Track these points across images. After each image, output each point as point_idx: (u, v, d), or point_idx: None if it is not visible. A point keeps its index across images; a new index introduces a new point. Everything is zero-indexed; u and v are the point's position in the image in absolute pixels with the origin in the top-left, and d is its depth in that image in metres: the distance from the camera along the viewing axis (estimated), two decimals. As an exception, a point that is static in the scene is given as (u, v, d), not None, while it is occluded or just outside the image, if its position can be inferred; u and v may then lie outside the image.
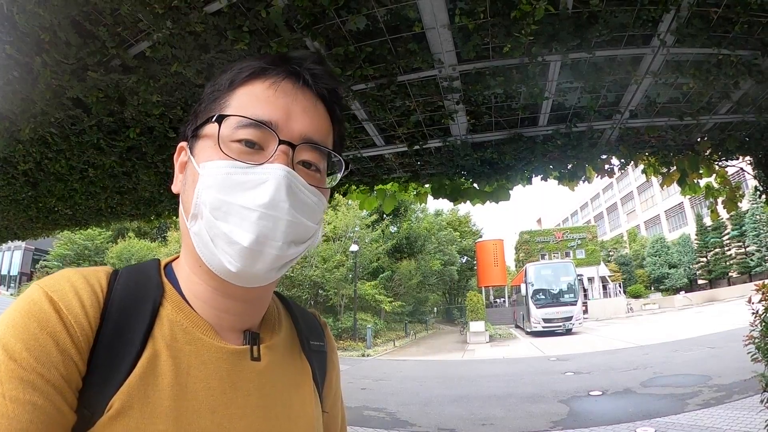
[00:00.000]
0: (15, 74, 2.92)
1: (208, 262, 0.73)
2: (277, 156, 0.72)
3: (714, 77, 3.16)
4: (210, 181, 0.71)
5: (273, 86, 0.75)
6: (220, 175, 0.71)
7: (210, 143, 0.74)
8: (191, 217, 0.73)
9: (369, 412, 9.87)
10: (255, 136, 0.72)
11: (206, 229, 0.71)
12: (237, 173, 0.71)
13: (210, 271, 0.74)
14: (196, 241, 0.73)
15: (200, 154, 0.75)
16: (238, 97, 0.75)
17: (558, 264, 33.82)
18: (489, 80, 3.22)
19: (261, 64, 0.77)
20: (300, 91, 0.77)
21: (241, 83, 0.76)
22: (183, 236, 0.79)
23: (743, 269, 40.19)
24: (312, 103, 0.78)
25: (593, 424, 7.88)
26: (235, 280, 0.73)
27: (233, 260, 0.70)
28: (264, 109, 0.73)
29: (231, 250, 0.70)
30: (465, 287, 54.02)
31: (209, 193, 0.71)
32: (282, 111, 0.74)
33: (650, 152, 4.33)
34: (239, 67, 0.77)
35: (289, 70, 0.77)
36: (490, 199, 4.79)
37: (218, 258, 0.71)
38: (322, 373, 0.95)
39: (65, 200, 5.48)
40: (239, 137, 0.72)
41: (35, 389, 0.57)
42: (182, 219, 0.78)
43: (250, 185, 0.70)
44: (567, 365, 14.97)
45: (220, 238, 0.70)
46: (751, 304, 4.67)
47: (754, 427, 6.43)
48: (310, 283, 27.50)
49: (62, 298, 0.64)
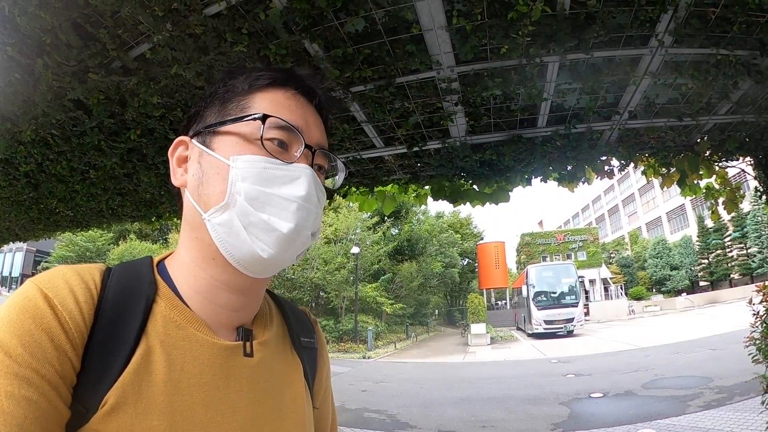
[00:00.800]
0: (16, 76, 2.93)
1: (231, 252, 0.75)
2: (302, 158, 0.79)
3: (713, 77, 3.16)
4: (245, 173, 0.74)
5: (294, 98, 0.83)
6: (256, 168, 0.75)
7: (238, 140, 0.78)
8: (220, 207, 0.75)
9: (370, 414, 9.85)
10: (284, 137, 0.79)
11: (240, 218, 0.74)
12: (273, 168, 0.76)
13: (224, 263, 0.76)
14: (220, 231, 0.75)
15: (225, 148, 0.78)
16: (259, 100, 0.80)
17: (559, 266, 33.77)
18: (487, 81, 3.23)
19: (279, 75, 0.84)
20: (309, 105, 0.85)
21: (260, 89, 0.81)
22: (190, 231, 0.80)
23: (745, 271, 40.10)
24: (317, 116, 0.87)
25: (594, 426, 7.86)
26: (257, 268, 0.77)
27: (267, 247, 0.74)
28: (289, 115, 0.80)
29: (267, 237, 0.74)
30: (466, 289, 54.03)
31: (246, 184, 0.74)
32: (303, 120, 0.81)
33: (650, 153, 4.33)
34: (255, 75, 0.83)
35: (306, 86, 0.85)
36: (489, 200, 4.79)
37: (249, 246, 0.74)
38: (312, 369, 0.97)
39: (66, 201, 5.49)
40: (272, 136, 0.78)
41: (30, 385, 0.58)
42: (190, 212, 0.80)
43: (286, 180, 0.76)
44: (568, 367, 14.93)
45: (256, 227, 0.74)
46: (752, 305, 4.67)
47: (755, 428, 6.41)
48: (311, 285, 27.49)
49: (57, 294, 0.65)
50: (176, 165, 0.84)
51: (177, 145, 0.84)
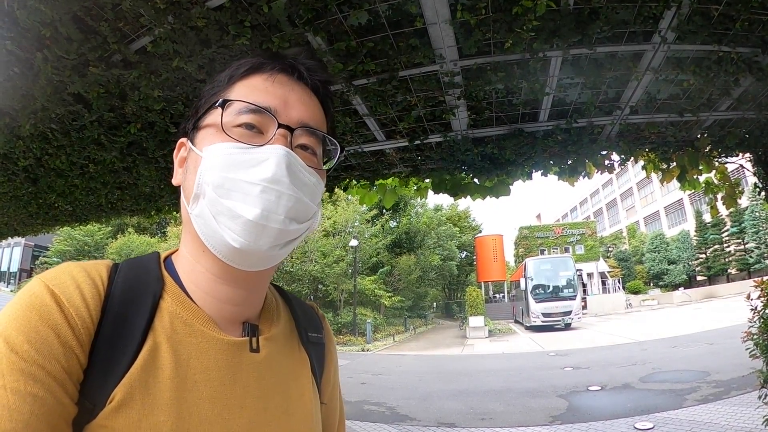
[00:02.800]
0: (16, 70, 2.92)
1: (209, 243, 0.74)
2: (276, 138, 0.76)
3: (714, 74, 3.16)
4: (212, 161, 0.74)
5: (270, 78, 0.80)
6: (222, 156, 0.73)
7: (212, 130, 0.77)
8: (193, 199, 0.76)
9: (369, 406, 9.90)
10: (255, 121, 0.76)
11: (209, 207, 0.73)
12: (239, 153, 0.74)
13: (213, 256, 0.75)
14: (198, 223, 0.75)
15: (202, 141, 0.78)
16: (237, 89, 0.79)
17: (557, 259, 33.87)
18: (490, 76, 3.22)
19: (257, 60, 0.82)
20: (296, 83, 0.82)
21: (240, 78, 0.80)
22: (185, 225, 0.81)
23: (742, 266, 40.28)
24: (307, 94, 0.83)
25: (592, 418, 7.91)
26: (238, 259, 0.74)
27: (237, 236, 0.71)
28: (263, 97, 0.78)
29: (235, 225, 0.71)
30: (464, 282, 54.10)
31: (212, 172, 0.73)
32: (280, 99, 0.78)
33: (650, 148, 4.33)
34: (237, 65, 0.82)
35: (285, 64, 0.82)
36: (490, 194, 4.79)
37: (221, 235, 0.72)
38: (320, 364, 0.97)
39: (65, 196, 5.48)
40: (241, 121, 0.76)
41: (36, 381, 0.58)
42: (183, 208, 0.80)
43: (253, 163, 0.73)
44: (566, 360, 15.02)
45: (223, 215, 0.72)
46: (749, 300, 4.68)
47: (752, 422, 6.46)
48: (310, 278, 27.54)
49: (64, 291, 0.65)
50: (178, 166, 0.85)
51: (179, 147, 0.85)
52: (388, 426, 8.39)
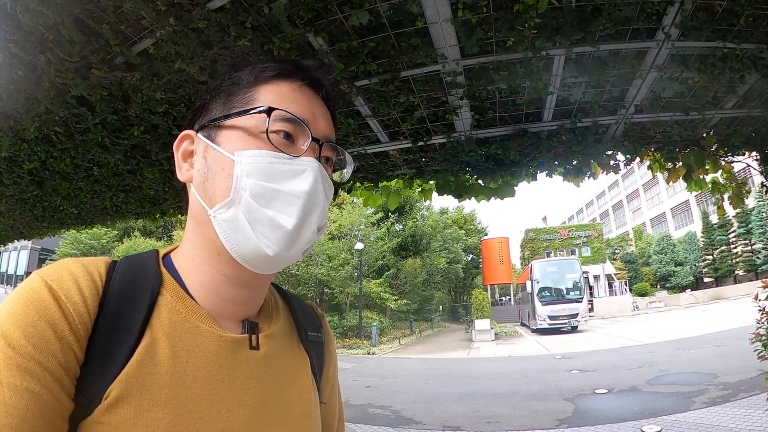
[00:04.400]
0: (19, 73, 2.93)
1: (236, 249, 0.74)
2: (309, 151, 0.78)
3: (719, 71, 3.13)
4: (250, 168, 0.73)
5: (300, 89, 0.81)
6: (261, 164, 0.74)
7: (243, 133, 0.76)
8: (225, 204, 0.74)
9: (374, 409, 9.88)
10: (291, 129, 0.77)
11: (245, 214, 0.73)
12: (278, 162, 0.75)
13: (230, 259, 0.75)
14: (225, 228, 0.74)
15: (229, 143, 0.76)
16: (265, 93, 0.79)
17: (563, 261, 33.78)
18: (493, 75, 3.20)
19: (286, 67, 0.82)
20: (316, 96, 0.84)
21: (266, 81, 0.80)
22: (197, 225, 0.80)
23: (749, 267, 39.98)
24: (325, 107, 0.85)
25: (599, 422, 7.86)
26: (262, 264, 0.75)
27: (272, 244, 0.73)
28: (296, 107, 0.78)
29: (273, 234, 0.73)
30: (470, 285, 54.09)
31: (251, 180, 0.73)
32: (309, 112, 0.80)
33: (655, 148, 4.30)
34: (261, 66, 0.81)
35: (312, 78, 0.83)
36: (494, 195, 4.77)
37: (255, 242, 0.73)
38: (319, 363, 0.96)
39: (70, 199, 5.50)
40: (278, 128, 0.76)
41: (33, 377, 0.58)
42: (197, 207, 0.79)
43: (291, 174, 0.75)
44: (572, 363, 14.94)
45: (261, 223, 0.73)
46: (757, 301, 4.65)
47: (760, 425, 6.40)
48: (316, 281, 27.57)
49: (61, 286, 0.65)
50: (182, 159, 0.83)
51: (182, 139, 0.83)
52: (393, 429, 8.36)
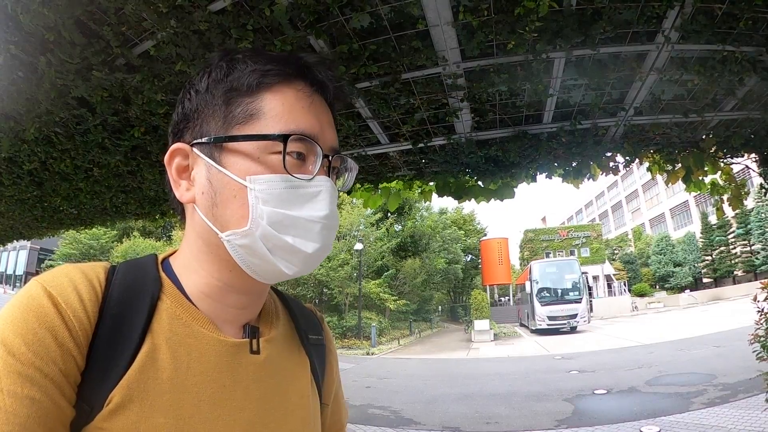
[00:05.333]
0: (20, 74, 2.93)
1: (253, 269, 0.74)
2: (322, 169, 0.76)
3: (719, 74, 3.14)
4: (266, 196, 0.71)
5: (306, 97, 0.77)
6: (277, 189, 0.72)
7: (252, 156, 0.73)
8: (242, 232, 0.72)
9: (374, 410, 9.89)
10: (302, 149, 0.75)
11: (263, 241, 0.71)
12: (294, 188, 0.73)
13: (241, 275, 0.76)
14: (241, 252, 0.73)
15: (236, 165, 0.73)
16: (270, 102, 0.74)
17: (563, 262, 33.79)
18: (493, 77, 3.21)
19: (289, 69, 0.77)
20: (321, 100, 0.80)
21: (268, 87, 0.75)
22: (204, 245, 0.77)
23: (748, 268, 40.00)
24: (328, 110, 0.82)
25: (598, 422, 7.87)
26: (277, 279, 0.77)
27: (293, 266, 0.74)
28: (305, 122, 0.75)
29: (294, 258, 0.73)
30: (469, 286, 54.05)
31: (268, 207, 0.71)
32: (317, 123, 0.77)
33: (655, 149, 4.31)
34: (262, 70, 0.75)
35: (319, 83, 0.79)
36: (494, 196, 4.78)
37: (274, 265, 0.73)
38: (321, 366, 0.96)
39: (70, 200, 5.50)
40: (290, 150, 0.73)
41: (33, 384, 0.58)
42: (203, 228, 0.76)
43: (307, 198, 0.74)
44: (572, 364, 14.95)
45: (281, 249, 0.72)
46: (756, 302, 4.66)
47: (759, 426, 6.42)
48: (315, 281, 27.55)
49: (61, 293, 0.64)
50: (176, 176, 0.79)
51: (174, 153, 0.78)
52: (392, 430, 8.37)
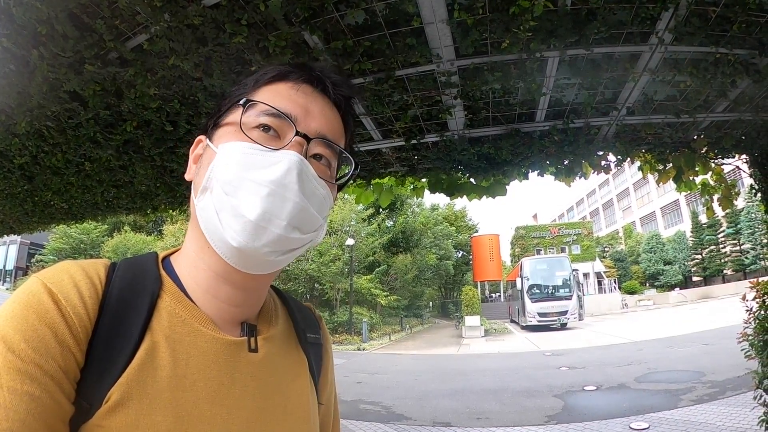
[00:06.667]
0: (11, 67, 2.90)
1: (211, 238, 0.74)
2: (292, 144, 0.76)
3: (711, 76, 3.17)
4: (225, 159, 0.74)
5: (295, 87, 0.81)
6: (236, 154, 0.74)
7: (230, 129, 0.78)
8: (200, 191, 0.76)
9: (365, 405, 9.90)
10: (273, 124, 0.77)
11: (213, 202, 0.73)
12: (253, 153, 0.74)
13: (215, 253, 0.75)
14: (202, 216, 0.75)
15: (219, 138, 0.79)
16: (262, 93, 0.80)
17: (553, 258, 33.99)
18: (487, 75, 3.21)
19: (285, 68, 0.83)
20: (319, 94, 0.83)
21: (266, 83, 0.81)
22: (192, 219, 0.80)
23: (738, 267, 40.48)
24: (329, 107, 0.84)
25: (587, 418, 7.93)
26: (237, 259, 0.74)
27: (236, 234, 0.71)
28: (285, 103, 0.78)
29: (236, 223, 0.71)
30: (460, 282, 54.12)
31: (223, 169, 0.74)
32: (301, 108, 0.79)
33: (647, 149, 4.34)
34: (264, 70, 0.83)
35: (311, 75, 0.83)
36: (486, 194, 4.80)
37: (221, 232, 0.72)
38: (318, 365, 0.97)
39: (61, 194, 5.46)
40: (261, 122, 0.77)
41: (33, 380, 0.58)
42: (192, 202, 0.80)
43: (265, 165, 0.73)
44: (562, 360, 15.04)
45: (225, 212, 0.72)
46: (745, 301, 4.69)
47: (746, 423, 6.48)
48: (306, 277, 27.49)
49: (61, 290, 0.65)
50: (192, 162, 0.85)
51: (196, 144, 0.85)
52: (383, 425, 8.39)
